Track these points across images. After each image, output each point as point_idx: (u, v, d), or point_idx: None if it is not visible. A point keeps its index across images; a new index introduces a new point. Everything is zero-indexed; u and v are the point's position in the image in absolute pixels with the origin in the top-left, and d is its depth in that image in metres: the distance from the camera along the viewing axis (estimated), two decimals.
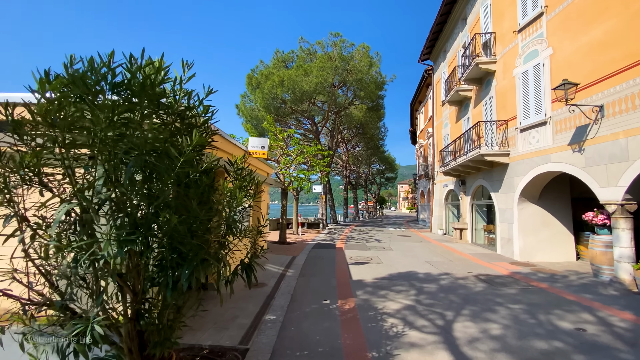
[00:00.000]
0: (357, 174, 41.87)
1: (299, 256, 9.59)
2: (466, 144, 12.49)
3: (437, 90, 19.10)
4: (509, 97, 10.20)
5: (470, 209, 13.86)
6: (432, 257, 9.89)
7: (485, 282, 6.87)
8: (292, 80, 16.82)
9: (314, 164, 13.92)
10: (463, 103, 14.55)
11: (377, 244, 12.95)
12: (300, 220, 19.97)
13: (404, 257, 9.78)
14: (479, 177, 12.65)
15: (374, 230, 19.57)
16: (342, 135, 29.88)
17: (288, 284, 6.33)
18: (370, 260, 9.21)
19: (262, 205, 8.91)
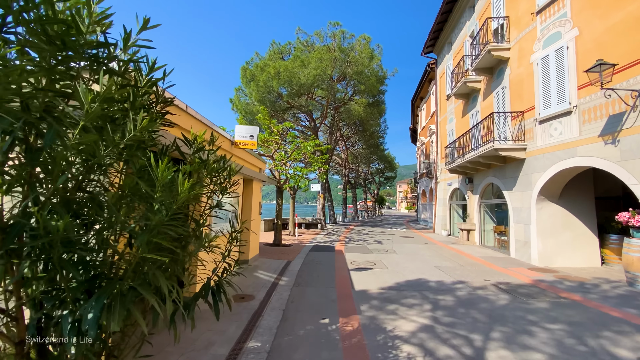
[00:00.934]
0: (356, 173, 40.97)
1: (294, 260, 8.64)
2: (474, 139, 11.59)
3: (441, 84, 18.20)
4: (526, 86, 9.30)
5: (478, 209, 12.96)
6: (441, 262, 8.98)
7: (508, 292, 5.96)
8: (289, 72, 15.86)
9: (311, 161, 12.98)
10: (471, 96, 13.65)
11: (379, 246, 12.03)
12: (297, 220, 19.03)
13: (410, 262, 8.86)
14: (488, 174, 11.74)
15: (374, 231, 18.66)
16: (341, 133, 28.96)
17: (280, 296, 5.39)
18: (374, 265, 8.28)
19: (253, 204, 7.97)
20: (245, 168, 6.67)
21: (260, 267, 7.65)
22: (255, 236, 8.34)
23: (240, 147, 5.81)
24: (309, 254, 9.92)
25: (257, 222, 8.47)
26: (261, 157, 8.91)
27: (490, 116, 9.81)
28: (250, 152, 7.62)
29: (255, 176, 7.64)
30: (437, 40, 18.29)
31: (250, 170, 7.11)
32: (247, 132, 5.81)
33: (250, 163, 7.50)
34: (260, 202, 8.66)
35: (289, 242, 12.53)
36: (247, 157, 7.08)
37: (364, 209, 48.18)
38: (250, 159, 7.38)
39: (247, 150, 7.07)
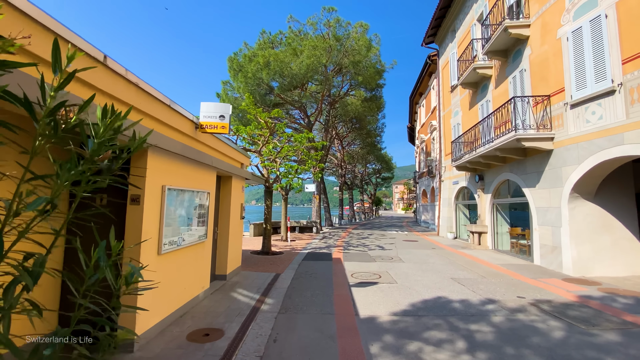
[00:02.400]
0: (353, 173, 39.64)
1: (284, 273, 7.22)
2: (485, 132, 10.30)
3: (444, 76, 16.95)
4: (553, 66, 8.02)
5: (490, 209, 11.66)
6: (457, 272, 7.62)
7: (556, 316, 4.61)
8: (280, 61, 14.47)
9: (305, 158, 11.57)
10: (480, 84, 12.37)
11: (382, 252, 10.65)
12: (289, 223, 17.59)
13: (421, 272, 7.48)
14: (503, 170, 10.45)
15: (374, 234, 17.28)
16: (337, 131, 27.61)
17: (259, 330, 3.97)
18: (379, 278, 6.89)
19: (232, 206, 6.54)
20: (218, 161, 5.26)
21: (241, 283, 6.21)
22: (236, 245, 6.91)
23: (207, 130, 4.41)
24: (302, 263, 8.50)
25: (238, 227, 7.04)
26: (246, 152, 7.49)
27: (511, 101, 8.49)
28: (229, 144, 6.21)
29: (234, 172, 6.23)
30: (439, 28, 17.07)
31: (226, 165, 5.69)
32: (215, 111, 4.40)
33: (226, 155, 6.08)
34: (242, 204, 7.24)
35: (280, 249, 11.09)
36: (221, 147, 5.66)
37: (361, 210, 46.86)
38: (226, 150, 5.96)
39: (222, 139, 5.65)
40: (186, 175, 4.40)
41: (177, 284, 4.21)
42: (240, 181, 7.12)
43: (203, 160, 4.63)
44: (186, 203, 4.40)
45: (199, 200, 4.82)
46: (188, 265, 4.53)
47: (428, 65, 20.30)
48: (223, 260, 6.30)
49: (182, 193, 4.26)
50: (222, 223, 6.38)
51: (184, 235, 4.35)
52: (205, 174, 5.01)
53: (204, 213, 5.02)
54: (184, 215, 4.36)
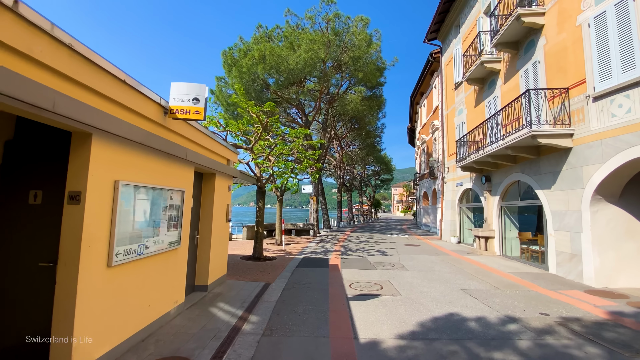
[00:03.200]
0: (352, 175, 38.91)
1: (274, 283, 6.47)
2: (493, 130, 9.62)
3: (448, 73, 16.28)
4: (571, 56, 7.33)
5: (498, 213, 10.94)
6: (467, 282, 6.89)
7: (591, 339, 3.88)
8: (276, 55, 13.75)
9: (301, 157, 10.83)
10: (487, 80, 11.69)
11: (383, 258, 9.90)
12: (285, 226, 16.83)
13: (427, 283, 6.74)
14: (513, 170, 9.74)
15: (373, 238, 16.53)
16: (336, 132, 26.90)
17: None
18: (381, 289, 6.14)
19: (216, 207, 5.78)
20: (196, 155, 4.52)
21: (224, 295, 5.45)
22: (221, 251, 6.16)
23: (179, 116, 3.67)
24: (295, 271, 7.75)
25: (223, 231, 6.29)
26: (233, 148, 6.74)
27: (525, 95, 7.77)
28: (210, 135, 5.48)
29: (218, 169, 5.49)
30: (442, 24, 16.41)
31: (207, 160, 4.96)
32: (188, 93, 3.66)
33: (207, 149, 5.33)
34: (228, 205, 6.49)
35: (273, 254, 10.33)
36: (200, 139, 4.92)
37: (360, 212, 46.12)
38: (207, 143, 5.22)
39: (201, 129, 4.92)
40: (152, 170, 3.66)
41: (138, 301, 3.46)
42: (226, 179, 6.37)
43: (175, 152, 3.89)
44: (151, 203, 3.66)
45: (170, 200, 4.07)
46: (154, 278, 3.78)
47: (430, 64, 19.64)
48: (204, 269, 5.54)
49: (145, 191, 3.52)
50: (204, 226, 5.63)
51: (149, 241, 3.61)
52: (178, 169, 4.27)
53: (177, 215, 4.27)
54: (149, 217, 3.62)
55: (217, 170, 5.53)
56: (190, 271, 5.36)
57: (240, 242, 13.59)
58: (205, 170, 5.44)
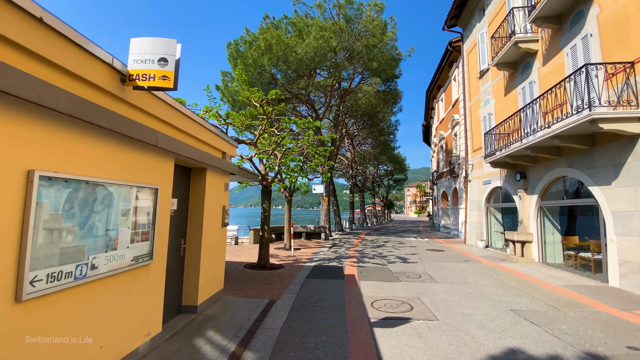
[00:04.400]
0: (364, 175, 37.61)
1: (281, 300, 5.39)
2: (530, 120, 8.33)
3: (471, 61, 14.94)
4: (636, 23, 6.02)
5: (536, 214, 9.59)
6: (514, 298, 5.65)
7: None
8: (284, 45, 12.72)
9: (311, 152, 9.72)
10: (521, 63, 10.36)
11: (406, 266, 8.70)
12: (294, 229, 15.76)
13: (466, 300, 5.53)
14: (558, 164, 8.41)
15: (390, 242, 15.29)
16: (347, 129, 25.74)
17: None
18: (410, 310, 4.98)
19: (207, 209, 4.74)
20: (174, 142, 3.49)
21: (217, 319, 4.39)
22: (215, 262, 5.11)
23: (139, 84, 2.65)
24: (305, 283, 6.65)
25: (218, 238, 5.25)
26: (229, 138, 5.70)
27: (580, 72, 6.46)
28: (196, 119, 4.45)
29: (209, 163, 4.45)
30: (463, 8, 15.09)
31: (192, 150, 3.92)
32: (152, 51, 2.62)
33: (193, 136, 4.28)
34: (225, 207, 5.44)
35: (280, 261, 9.28)
36: (180, 122, 3.87)
37: (372, 214, 44.73)
38: (191, 128, 4.17)
39: (182, 110, 3.88)
40: (101, 159, 2.63)
41: (80, 345, 2.42)
42: (222, 176, 5.33)
43: (139, 136, 2.85)
44: (101, 204, 2.62)
45: (135, 201, 3.04)
46: (111, 307, 2.75)
47: (449, 54, 18.28)
48: (192, 286, 4.50)
49: (88, 187, 2.49)
50: (193, 234, 4.59)
51: (97, 259, 2.57)
52: (148, 159, 3.24)
53: (148, 221, 3.23)
54: (97, 225, 2.58)
55: (209, 164, 4.49)
56: (175, 289, 4.33)
57: (246, 246, 12.60)
58: (193, 164, 4.41)
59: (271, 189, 8.71)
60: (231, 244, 12.90)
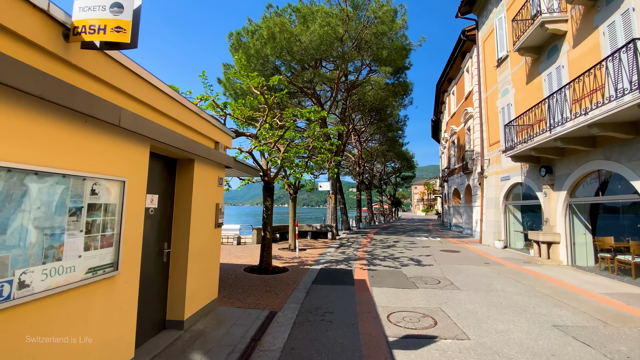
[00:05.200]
0: (371, 172, 36.75)
1: (282, 311, 4.70)
2: (561, 107, 7.48)
3: (487, 49, 14.03)
4: None
5: (563, 212, 8.75)
6: (554, 310, 4.87)
7: None
8: (288, 33, 12.00)
9: (318, 146, 8.99)
10: (546, 47, 9.48)
11: (421, 270, 7.95)
12: (299, 229, 15.09)
13: (497, 312, 4.77)
14: (592, 156, 7.57)
15: (401, 241, 14.51)
16: (354, 125, 24.93)
17: None
18: (434, 325, 4.24)
19: (196, 207, 4.05)
20: (151, 125, 2.81)
21: (207, 337, 3.72)
22: (207, 268, 4.43)
23: (86, 38, 1.97)
24: (311, 290, 5.95)
25: (210, 240, 4.56)
26: (226, 128, 5.01)
27: (628, 48, 5.62)
28: (181, 101, 3.77)
29: (197, 153, 3.76)
30: None
31: (172, 136, 3.24)
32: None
33: (176, 120, 3.59)
34: (219, 205, 4.76)
35: (284, 263, 8.60)
36: (156, 100, 3.18)
37: (380, 212, 43.87)
38: (172, 109, 3.47)
39: (155, 84, 3.19)
40: (37, 139, 1.95)
41: None
42: (214, 170, 4.64)
43: (91, 111, 2.18)
44: (36, 201, 1.95)
45: (91, 197, 2.36)
46: (52, 337, 2.07)
47: (462, 44, 17.35)
48: (178, 297, 3.83)
49: (8, 177, 1.81)
50: (179, 236, 3.92)
51: (29, 274, 1.90)
52: (111, 144, 2.56)
53: (110, 221, 2.56)
54: (28, 228, 1.91)
55: (197, 154, 3.80)
56: (157, 302, 3.67)
57: (249, 247, 11.95)
58: (178, 153, 3.73)
59: (274, 186, 8.03)
60: (233, 245, 12.27)
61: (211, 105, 7.11)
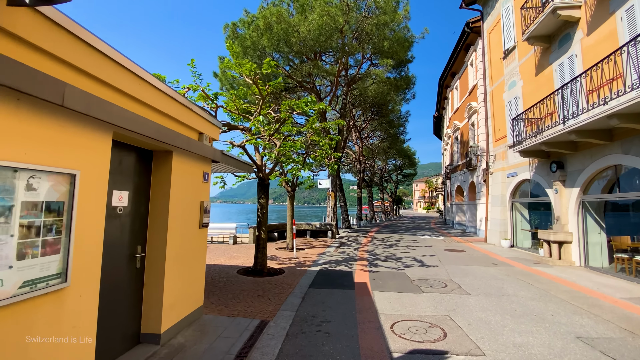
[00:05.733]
0: (372, 170, 36.25)
1: (274, 320, 4.25)
2: (576, 98, 7.00)
3: (492, 41, 13.50)
4: None
5: (576, 210, 8.27)
6: (574, 318, 4.41)
7: None
8: (285, 23, 11.50)
9: (316, 140, 8.51)
10: (558, 36, 8.97)
11: (425, 271, 7.49)
12: (297, 227, 14.64)
13: (512, 321, 4.31)
14: (608, 150, 7.09)
15: (403, 240, 14.06)
16: (355, 121, 24.41)
17: None
18: (444, 337, 3.78)
19: (175, 205, 3.59)
20: (109, 108, 2.35)
21: (186, 352, 3.27)
22: (191, 274, 3.98)
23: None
24: (307, 295, 5.50)
25: (195, 242, 4.11)
26: (212, 117, 4.55)
27: None
28: (150, 80, 3.32)
29: (176, 144, 3.31)
30: None
31: (145, 124, 2.78)
32: None
33: (147, 105, 3.12)
34: (204, 203, 4.30)
35: (281, 264, 8.16)
36: (117, 79, 2.71)
37: (381, 210, 43.41)
38: (139, 91, 2.99)
39: (109, 53, 2.72)
40: None
41: None
42: (198, 164, 4.18)
43: (23, 86, 1.71)
44: None
45: (25, 194, 1.90)
46: None
47: (466, 36, 16.81)
48: (154, 308, 3.39)
49: None
50: (155, 238, 3.46)
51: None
52: (56, 129, 2.10)
53: (55, 224, 2.10)
54: None
55: (176, 146, 3.34)
56: (129, 313, 3.23)
57: (245, 246, 11.52)
58: (153, 145, 3.27)
59: (269, 183, 7.57)
60: (229, 244, 11.83)
61: (202, 97, 6.65)
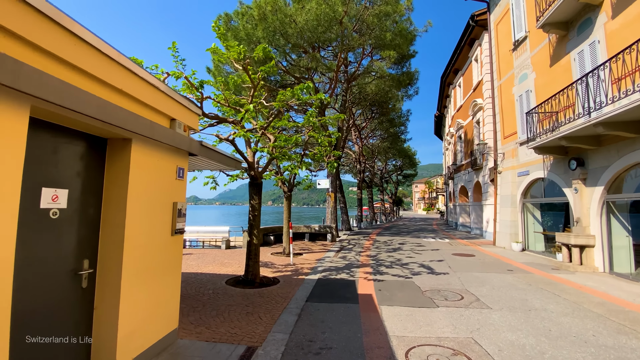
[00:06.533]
0: (372, 170, 35.53)
1: (264, 347, 3.52)
2: (602, 87, 6.31)
3: (500, 33, 12.82)
4: None
5: (599, 211, 7.57)
6: (620, 340, 3.68)
7: None
8: (281, 13, 10.82)
9: (314, 136, 7.80)
10: (577, 21, 8.27)
11: (436, 280, 6.76)
12: (295, 230, 13.88)
13: (550, 345, 3.58)
14: (637, 145, 6.38)
15: (407, 243, 13.32)
16: (355, 120, 23.71)
17: None
18: None
19: (135, 207, 2.86)
20: (42, 78, 1.61)
21: None
22: (162, 290, 3.24)
23: None
24: (304, 311, 4.76)
25: (165, 253, 3.38)
26: (188, 102, 3.84)
27: None
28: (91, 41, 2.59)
29: (135, 130, 2.60)
30: None
31: (87, 99, 2.06)
32: None
33: (87, 73, 2.41)
34: (177, 205, 3.57)
35: (276, 272, 7.43)
36: (32, 31, 2.00)
37: (381, 211, 42.68)
38: (75, 54, 2.29)
39: None
40: None
41: None
42: (169, 156, 3.45)
43: None
44: None
45: None
46: None
47: (470, 30, 16.14)
48: (107, 337, 2.65)
49: None
50: (108, 249, 2.73)
51: None
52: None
53: None
54: None
55: (134, 132, 2.62)
56: (71, 345, 2.48)
57: (238, 251, 10.77)
58: (105, 130, 2.53)
59: (261, 182, 6.84)
60: (221, 249, 11.08)
61: (187, 87, 5.92)
